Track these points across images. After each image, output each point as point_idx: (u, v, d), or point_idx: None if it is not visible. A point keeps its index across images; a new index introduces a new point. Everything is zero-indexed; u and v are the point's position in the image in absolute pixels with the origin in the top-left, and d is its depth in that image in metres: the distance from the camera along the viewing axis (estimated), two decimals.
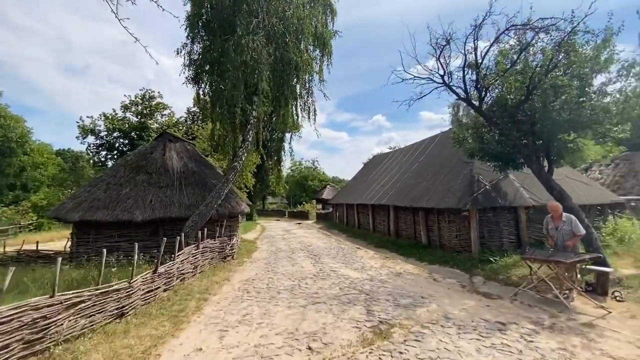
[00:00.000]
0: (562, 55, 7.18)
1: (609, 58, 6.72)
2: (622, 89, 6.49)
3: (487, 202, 9.72)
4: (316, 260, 10.95)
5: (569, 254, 6.04)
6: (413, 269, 9.36)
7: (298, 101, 12.04)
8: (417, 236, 13.13)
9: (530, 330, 4.96)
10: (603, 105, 6.52)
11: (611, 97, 6.61)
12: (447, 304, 6.28)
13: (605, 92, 6.72)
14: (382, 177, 18.51)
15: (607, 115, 6.64)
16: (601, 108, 6.54)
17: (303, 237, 18.36)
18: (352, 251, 13.04)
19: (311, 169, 56.17)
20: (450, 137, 15.10)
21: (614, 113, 6.51)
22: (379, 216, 16.83)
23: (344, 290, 7.21)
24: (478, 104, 8.51)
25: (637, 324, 5.08)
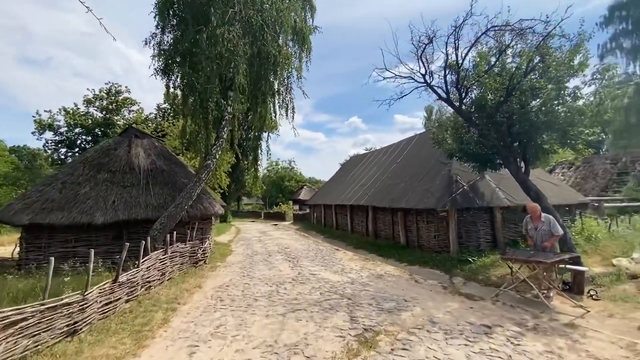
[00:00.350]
0: (539, 59, 7.30)
1: (583, 62, 6.89)
2: (597, 92, 6.66)
3: (465, 202, 9.78)
4: (294, 264, 10.54)
5: (549, 254, 6.08)
6: (394, 271, 9.20)
7: (276, 98, 11.57)
8: (396, 237, 13.08)
9: (515, 332, 4.87)
10: (578, 107, 6.66)
11: (586, 100, 6.78)
12: (431, 307, 6.12)
13: (579, 95, 6.89)
14: (360, 178, 18.42)
15: (581, 117, 6.79)
16: (577, 110, 6.68)
17: (280, 239, 17.85)
18: (331, 253, 12.75)
19: (288, 170, 55.55)
20: (427, 138, 15.25)
21: (588, 115, 6.67)
22: (357, 217, 16.69)
23: (324, 295, 6.87)
24: (458, 104, 8.51)
25: (615, 322, 5.14)
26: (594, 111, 6.56)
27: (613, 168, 21.31)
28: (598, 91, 6.64)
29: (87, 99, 34.43)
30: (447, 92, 8.51)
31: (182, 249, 8.96)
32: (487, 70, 7.60)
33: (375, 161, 18.96)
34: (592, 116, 6.63)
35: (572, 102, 6.82)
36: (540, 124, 7.23)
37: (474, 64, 8.12)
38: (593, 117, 6.66)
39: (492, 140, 8.14)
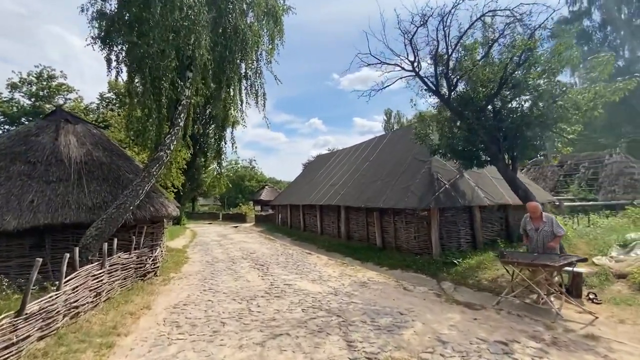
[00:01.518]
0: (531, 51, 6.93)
1: (576, 55, 6.63)
2: (593, 86, 6.42)
3: (448, 201, 9.30)
4: (264, 272, 9.26)
5: (554, 256, 5.62)
6: (377, 277, 8.37)
7: (243, 83, 10.17)
8: (371, 238, 12.36)
9: (536, 349, 4.21)
10: (575, 100, 6.36)
11: (581, 94, 6.51)
12: (431, 320, 5.33)
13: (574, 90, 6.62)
14: (330, 177, 17.54)
15: (575, 112, 6.50)
16: (572, 103, 6.37)
17: (243, 243, 16.29)
18: (303, 257, 11.64)
19: (248, 169, 53.13)
20: (400, 135, 14.85)
21: (583, 110, 6.41)
22: (328, 217, 15.76)
23: (308, 312, 5.76)
24: (446, 96, 7.94)
25: (629, 330, 4.74)
26: (589, 106, 6.32)
27: (560, 170, 22.97)
28: (593, 85, 6.40)
29: (12, 82, 29.42)
30: (437, 84, 7.90)
31: (126, 260, 7.25)
32: (482, 58, 7.08)
33: (346, 159, 18.22)
34: (586, 110, 6.38)
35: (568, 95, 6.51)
36: (534, 118, 6.85)
37: (465, 53, 7.58)
38: (588, 110, 6.41)
39: (481, 136, 7.67)
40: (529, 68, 6.79)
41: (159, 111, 8.26)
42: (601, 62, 6.19)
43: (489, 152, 7.85)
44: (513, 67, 6.84)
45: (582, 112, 6.40)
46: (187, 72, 8.83)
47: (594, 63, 6.36)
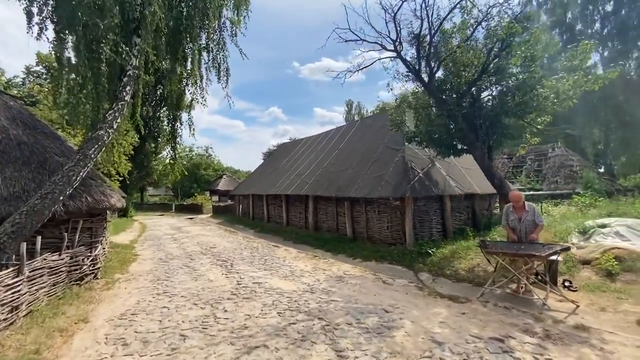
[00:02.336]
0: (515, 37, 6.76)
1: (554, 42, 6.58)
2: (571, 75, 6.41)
3: (422, 190, 9.10)
4: (228, 269, 8.33)
5: (538, 246, 5.53)
6: (353, 270, 7.91)
7: (203, 55, 8.87)
8: (341, 229, 11.93)
9: (533, 345, 3.99)
10: (557, 88, 6.31)
11: (560, 82, 6.48)
12: (419, 317, 4.95)
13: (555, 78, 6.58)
14: (297, 166, 16.75)
15: (555, 101, 6.47)
16: (554, 92, 6.32)
17: (201, 236, 14.98)
18: (270, 251, 10.84)
19: (204, 157, 50.04)
20: (369, 124, 14.49)
21: (562, 98, 6.39)
22: (294, 208, 15.03)
23: (285, 315, 5.06)
24: (427, 80, 7.57)
25: (612, 318, 4.77)
26: (569, 95, 6.32)
27: (509, 162, 24.61)
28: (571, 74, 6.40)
29: None
30: (418, 66, 7.48)
31: (55, 262, 5.88)
32: (465, 40, 6.75)
33: (313, 147, 17.53)
34: (564, 100, 6.38)
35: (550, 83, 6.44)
36: (515, 106, 6.72)
37: (449, 35, 7.22)
38: (564, 101, 6.42)
39: (460, 123, 7.45)
40: (510, 54, 6.60)
41: (96, 81, 6.75)
42: (582, 50, 6.20)
43: (467, 140, 7.68)
44: (496, 53, 6.61)
45: (560, 102, 6.40)
46: (134, 37, 7.40)
47: (574, 52, 6.36)
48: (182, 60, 8.85)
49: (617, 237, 7.78)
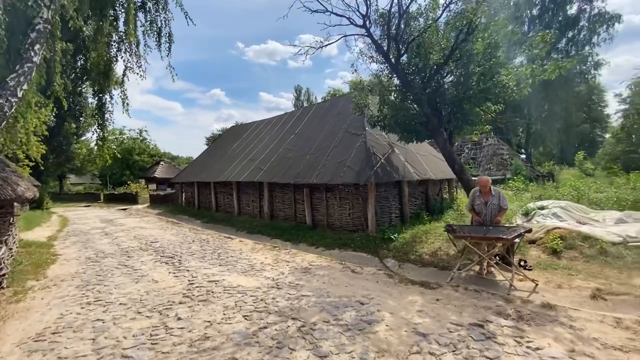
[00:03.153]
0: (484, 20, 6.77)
1: (515, 30, 6.74)
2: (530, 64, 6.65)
3: (385, 176, 9.00)
4: (176, 266, 7.31)
5: (502, 229, 5.69)
6: (318, 260, 7.51)
7: (139, 16, 7.34)
8: (299, 217, 11.45)
9: (511, 328, 4.01)
10: (519, 76, 6.49)
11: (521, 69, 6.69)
12: (396, 308, 4.74)
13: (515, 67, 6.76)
14: (249, 151, 15.66)
15: (514, 89, 6.68)
16: (516, 78, 6.50)
17: (139, 229, 13.24)
18: (223, 243, 9.92)
19: (138, 141, 44.89)
20: (327, 107, 14.03)
21: (521, 87, 6.62)
22: (247, 196, 14.08)
23: (252, 318, 4.43)
24: (394, 62, 7.30)
25: (568, 294, 5.09)
26: (527, 83, 6.57)
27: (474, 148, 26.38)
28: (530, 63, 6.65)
29: None
30: (387, 46, 7.14)
31: None
32: (437, 20, 6.56)
33: (266, 132, 16.54)
34: (523, 88, 6.63)
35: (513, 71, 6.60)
36: (478, 92, 6.80)
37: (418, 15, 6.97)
38: (523, 89, 6.67)
39: (425, 108, 7.37)
40: (476, 37, 6.61)
41: None
42: (542, 39, 6.44)
43: (430, 125, 7.65)
44: (462, 37, 6.55)
45: (520, 90, 6.64)
46: None
47: (534, 41, 6.60)
48: (113, 21, 7.27)
49: (555, 218, 8.58)
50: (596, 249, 6.58)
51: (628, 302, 4.68)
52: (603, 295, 4.87)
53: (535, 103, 26.95)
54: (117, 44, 7.59)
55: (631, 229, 7.32)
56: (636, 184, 10.13)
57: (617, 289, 5.00)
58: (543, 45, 6.44)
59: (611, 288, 5.03)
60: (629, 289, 4.97)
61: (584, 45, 24.41)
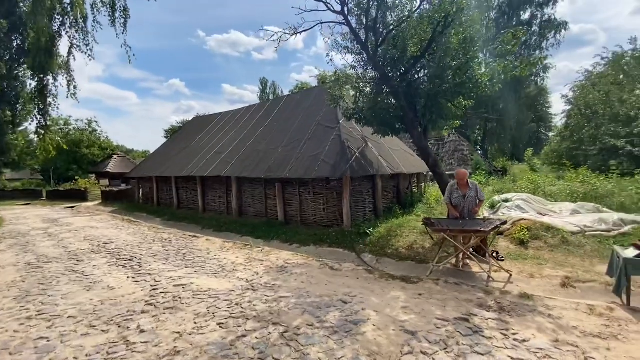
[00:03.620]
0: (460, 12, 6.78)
1: (490, 26, 6.85)
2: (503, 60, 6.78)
3: (360, 170, 8.86)
4: (136, 270, 6.58)
5: (479, 221, 5.77)
6: (294, 257, 7.18)
7: None
8: (270, 212, 11.01)
9: (496, 320, 4.02)
10: (494, 70, 6.60)
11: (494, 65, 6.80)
12: (381, 305, 4.58)
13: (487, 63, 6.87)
14: (215, 143, 14.77)
15: (487, 84, 6.80)
16: (491, 74, 6.60)
17: (90, 229, 11.95)
18: (188, 242, 9.20)
19: (87, 132, 40.98)
20: (299, 99, 13.62)
21: (494, 82, 6.76)
22: (213, 191, 13.28)
23: (228, 326, 4.01)
24: (372, 53, 7.12)
25: (541, 283, 5.28)
26: (500, 79, 6.72)
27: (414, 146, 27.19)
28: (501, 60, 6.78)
29: None
30: (366, 36, 6.92)
31: None
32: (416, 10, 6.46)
33: (232, 124, 15.71)
34: (495, 83, 6.78)
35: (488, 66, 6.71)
36: (454, 86, 6.83)
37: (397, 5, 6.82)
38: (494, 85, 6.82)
39: (402, 101, 7.30)
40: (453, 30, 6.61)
41: None
42: (514, 36, 6.59)
43: (407, 119, 7.59)
44: (440, 29, 6.51)
45: (493, 85, 6.78)
46: None
47: (506, 37, 6.75)
48: None
49: (519, 210, 9.01)
50: (558, 238, 6.96)
51: (595, 289, 4.95)
52: (572, 283, 5.11)
53: (492, 102, 28.59)
54: (61, 17, 6.56)
55: (586, 219, 7.88)
56: (585, 179, 10.99)
57: (583, 276, 5.28)
58: (515, 41, 6.63)
59: (578, 276, 5.29)
60: (593, 276, 5.26)
61: (535, 49, 26.29)
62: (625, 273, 4.18)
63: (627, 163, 14.90)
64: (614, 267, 4.64)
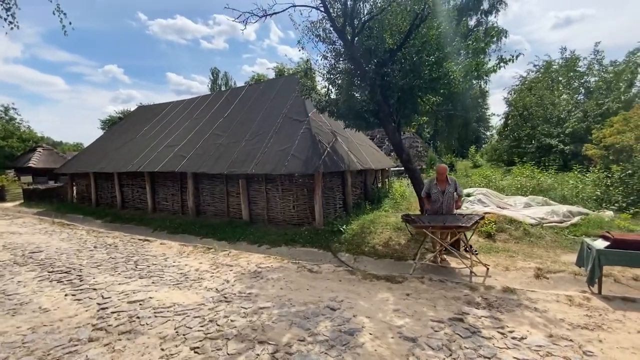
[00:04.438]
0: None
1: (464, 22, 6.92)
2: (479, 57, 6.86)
3: (333, 165, 8.53)
4: (75, 284, 5.47)
5: (459, 217, 5.78)
6: (266, 260, 6.59)
7: None
8: (232, 211, 10.20)
9: (488, 318, 3.97)
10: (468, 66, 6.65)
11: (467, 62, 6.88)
12: (371, 309, 4.30)
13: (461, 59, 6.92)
14: (165, 135, 13.32)
15: (460, 80, 6.86)
16: (464, 70, 6.65)
17: (11, 236, 9.97)
18: (138, 247, 8.07)
19: (3, 121, 34.99)
20: (263, 90, 12.82)
21: (467, 78, 6.84)
22: (164, 189, 11.97)
23: (205, 350, 3.37)
24: (349, 42, 6.77)
25: (516, 275, 5.43)
26: (474, 75, 6.82)
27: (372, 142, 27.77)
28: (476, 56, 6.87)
29: None
30: (343, 24, 6.53)
31: None
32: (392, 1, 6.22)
33: (185, 114, 14.32)
34: (470, 79, 6.87)
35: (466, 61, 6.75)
36: (429, 81, 6.79)
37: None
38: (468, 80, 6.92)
39: (378, 94, 7.08)
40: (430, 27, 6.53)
41: None
42: (488, 34, 6.73)
43: (382, 113, 7.40)
44: (418, 22, 6.38)
45: (465, 81, 6.87)
46: None
47: (477, 35, 6.86)
48: None
49: (480, 204, 9.44)
50: (521, 230, 7.36)
51: (565, 279, 5.21)
52: (544, 274, 5.33)
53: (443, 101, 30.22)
54: None
55: (540, 211, 8.47)
56: (533, 174, 11.95)
57: (552, 267, 5.55)
58: (489, 39, 6.79)
59: (548, 267, 5.55)
60: (561, 266, 5.55)
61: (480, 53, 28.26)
62: (598, 263, 4.39)
63: (559, 159, 16.70)
64: (583, 257, 4.89)
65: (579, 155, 15.99)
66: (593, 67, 19.42)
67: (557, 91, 21.31)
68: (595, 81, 19.46)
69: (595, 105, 16.79)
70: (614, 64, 18.89)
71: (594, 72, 19.35)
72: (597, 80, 19.39)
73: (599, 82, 19.02)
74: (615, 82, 17.86)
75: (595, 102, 16.87)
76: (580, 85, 19.90)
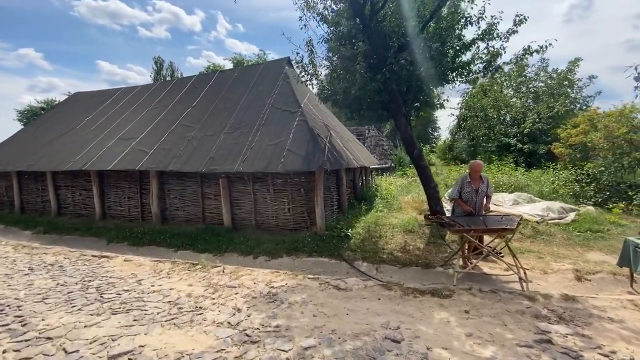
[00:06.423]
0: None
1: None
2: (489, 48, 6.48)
3: (336, 162, 7.62)
4: (15, 331, 3.79)
5: (498, 218, 5.29)
6: (276, 276, 5.44)
7: None
8: (210, 216, 8.74)
9: (577, 337, 3.47)
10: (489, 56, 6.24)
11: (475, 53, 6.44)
12: (438, 336, 3.54)
13: None
14: (116, 127, 11.10)
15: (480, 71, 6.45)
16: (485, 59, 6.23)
17: None
18: (94, 267, 6.28)
19: None
20: (241, 76, 11.33)
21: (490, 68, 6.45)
22: (119, 191, 9.91)
23: None
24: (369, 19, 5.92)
25: (557, 279, 5.13)
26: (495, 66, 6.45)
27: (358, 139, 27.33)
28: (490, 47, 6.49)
29: None
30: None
31: None
32: None
33: (142, 102, 12.14)
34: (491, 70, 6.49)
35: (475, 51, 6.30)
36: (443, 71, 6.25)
37: None
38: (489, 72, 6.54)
39: (392, 85, 6.36)
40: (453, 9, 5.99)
41: None
42: None
43: (393, 104, 6.70)
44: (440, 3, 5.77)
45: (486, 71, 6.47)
46: None
47: None
48: None
49: None
50: (530, 229, 7.23)
51: (606, 279, 5.01)
52: (585, 276, 5.08)
53: None
54: None
55: (536, 208, 8.54)
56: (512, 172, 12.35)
57: (587, 267, 5.35)
58: None
59: (583, 267, 5.34)
60: (595, 266, 5.38)
61: None
62: None
63: (519, 157, 17.84)
64: (629, 258, 4.70)
65: (537, 154, 17.25)
66: (540, 73, 21.21)
67: (508, 95, 22.91)
68: (541, 87, 21.25)
69: (547, 108, 18.26)
70: (556, 72, 20.83)
71: (541, 79, 21.13)
72: (542, 86, 21.21)
73: (543, 87, 20.84)
74: (558, 88, 19.68)
75: (546, 105, 18.33)
76: (527, 90, 21.60)
